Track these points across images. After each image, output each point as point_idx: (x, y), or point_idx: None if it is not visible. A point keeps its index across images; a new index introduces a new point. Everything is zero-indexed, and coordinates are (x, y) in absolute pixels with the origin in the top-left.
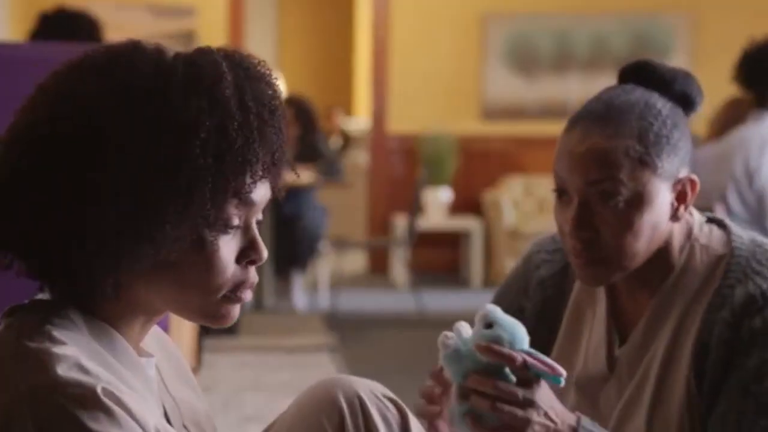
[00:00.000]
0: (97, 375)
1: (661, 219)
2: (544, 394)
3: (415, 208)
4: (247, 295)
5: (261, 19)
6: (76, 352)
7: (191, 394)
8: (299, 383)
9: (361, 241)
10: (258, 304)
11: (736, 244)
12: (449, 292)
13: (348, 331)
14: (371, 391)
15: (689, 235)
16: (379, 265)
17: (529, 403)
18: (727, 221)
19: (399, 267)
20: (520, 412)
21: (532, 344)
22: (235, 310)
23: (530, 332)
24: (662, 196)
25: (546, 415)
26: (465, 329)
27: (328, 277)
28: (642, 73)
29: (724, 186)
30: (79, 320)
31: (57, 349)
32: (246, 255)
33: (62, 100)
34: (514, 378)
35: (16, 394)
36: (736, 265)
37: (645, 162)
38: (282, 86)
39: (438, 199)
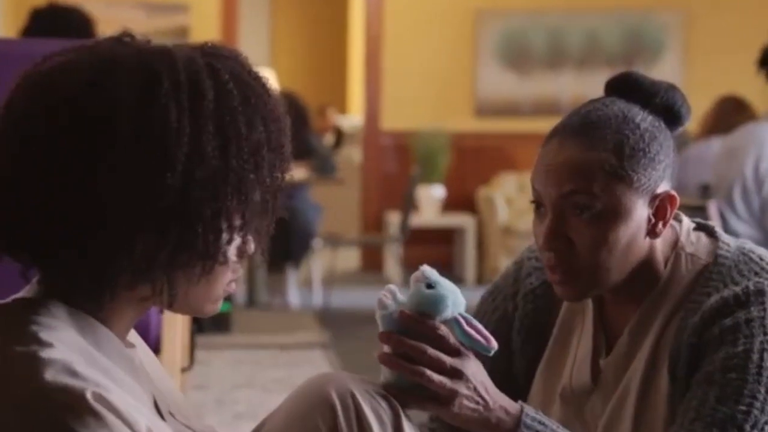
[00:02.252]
0: (85, 378)
1: (637, 234)
2: (475, 368)
3: (408, 205)
4: (233, 287)
5: (254, 15)
6: (64, 354)
7: (168, 382)
8: (292, 380)
9: (354, 238)
10: (251, 301)
11: (721, 252)
12: None
13: (341, 328)
14: (364, 388)
15: (675, 244)
16: (372, 262)
17: (457, 374)
18: (717, 229)
19: (392, 264)
20: (448, 383)
21: (523, 354)
22: (221, 302)
23: (521, 342)
24: (638, 210)
25: (476, 390)
26: (398, 293)
27: (321, 274)
28: (625, 85)
29: (732, 182)
30: (65, 316)
31: (44, 353)
32: (242, 251)
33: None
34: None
35: (4, 400)
36: (717, 274)
37: (620, 175)
38: (275, 83)
39: (431, 196)
